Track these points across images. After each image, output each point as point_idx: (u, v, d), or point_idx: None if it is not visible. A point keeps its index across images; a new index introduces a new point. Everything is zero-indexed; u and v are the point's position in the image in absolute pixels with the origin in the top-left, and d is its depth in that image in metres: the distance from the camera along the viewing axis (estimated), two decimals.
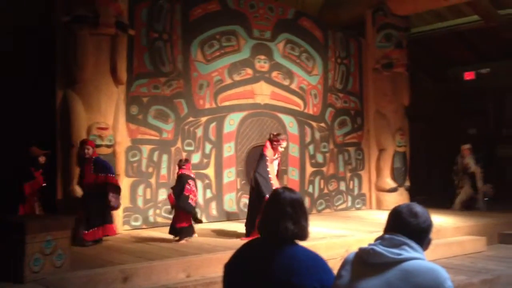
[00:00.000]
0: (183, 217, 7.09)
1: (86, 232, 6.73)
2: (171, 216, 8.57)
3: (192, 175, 7.32)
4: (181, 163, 7.34)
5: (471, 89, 13.67)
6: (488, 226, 8.88)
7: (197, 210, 7.44)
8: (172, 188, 7.23)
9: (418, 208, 2.42)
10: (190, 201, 7.00)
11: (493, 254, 7.83)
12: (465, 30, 12.72)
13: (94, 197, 6.86)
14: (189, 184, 7.07)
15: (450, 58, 14.05)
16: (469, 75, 13.93)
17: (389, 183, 11.04)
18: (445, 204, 10.72)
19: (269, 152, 7.36)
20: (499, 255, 7.82)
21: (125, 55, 7.97)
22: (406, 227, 2.36)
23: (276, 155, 7.47)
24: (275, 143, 7.38)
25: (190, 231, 7.11)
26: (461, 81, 14.02)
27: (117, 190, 7.03)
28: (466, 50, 13.60)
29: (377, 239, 2.41)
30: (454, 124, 13.45)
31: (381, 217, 8.85)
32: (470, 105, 13.73)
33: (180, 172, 7.22)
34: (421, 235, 2.37)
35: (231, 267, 2.68)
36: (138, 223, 8.33)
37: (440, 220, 8.74)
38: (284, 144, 7.51)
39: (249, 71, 9.74)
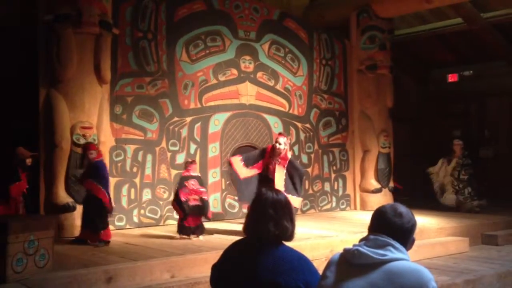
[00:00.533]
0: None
1: (103, 232, 6.78)
2: (155, 217, 8.58)
3: (195, 174, 7.38)
4: (186, 165, 7.51)
5: (454, 91, 13.81)
6: (471, 227, 8.96)
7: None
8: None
9: (402, 208, 2.44)
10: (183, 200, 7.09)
11: (476, 255, 7.91)
12: (448, 33, 12.85)
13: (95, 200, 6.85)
14: (186, 187, 7.15)
15: (433, 60, 14.18)
16: (452, 77, 14.06)
17: (373, 184, 11.10)
18: (428, 204, 10.80)
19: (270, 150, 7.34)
20: (482, 255, 7.90)
21: (109, 54, 7.92)
22: (390, 227, 2.37)
23: (276, 158, 7.18)
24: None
25: (185, 230, 7.20)
26: (444, 83, 14.15)
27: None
28: (449, 52, 13.73)
29: (361, 240, 2.43)
30: (437, 126, 13.57)
31: (365, 218, 8.89)
32: (453, 107, 13.86)
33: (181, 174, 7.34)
34: (405, 235, 2.39)
35: (218, 268, 2.69)
36: (122, 223, 8.28)
37: (423, 221, 8.81)
38: (281, 139, 7.19)
39: (234, 71, 9.73)
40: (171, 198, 7.62)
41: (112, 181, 8.17)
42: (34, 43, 7.71)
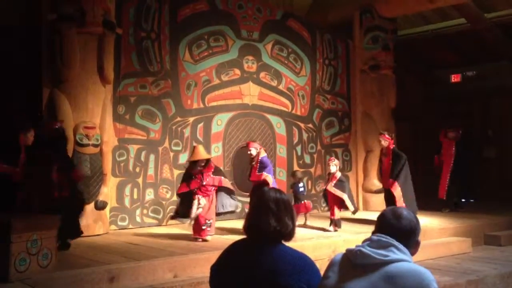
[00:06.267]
0: None
1: None
2: (158, 216, 8.60)
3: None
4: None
5: (457, 91, 13.78)
6: (474, 227, 8.95)
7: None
8: None
9: (402, 211, 2.45)
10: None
11: (479, 255, 7.90)
12: (452, 33, 12.82)
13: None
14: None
15: (436, 60, 14.15)
16: (455, 78, 14.03)
17: (376, 184, 11.08)
18: (429, 205, 10.76)
19: None
20: (485, 256, 7.89)
21: (112, 54, 7.92)
22: (390, 229, 2.39)
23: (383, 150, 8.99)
24: None
25: None
26: (447, 83, 14.12)
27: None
28: (452, 53, 13.70)
29: (364, 241, 2.43)
30: (440, 126, 13.54)
31: (368, 218, 8.94)
32: (456, 107, 13.83)
33: None
34: (405, 237, 2.39)
35: (217, 269, 2.68)
36: (125, 223, 8.29)
37: (426, 221, 8.80)
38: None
39: (237, 71, 9.74)
40: (173, 197, 7.63)
41: (115, 181, 8.20)
42: (37, 43, 7.72)
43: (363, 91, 11.37)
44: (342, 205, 8.09)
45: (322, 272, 2.52)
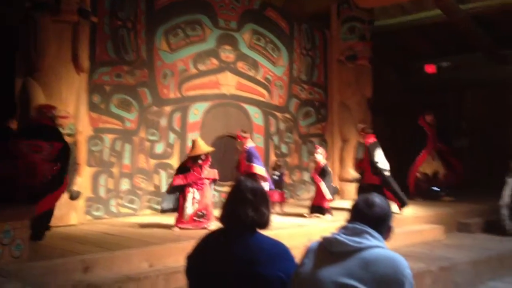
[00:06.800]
0: None
1: None
2: (134, 206, 8.54)
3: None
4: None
5: (433, 82, 13.92)
6: (447, 215, 9.10)
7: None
8: None
9: (374, 198, 2.50)
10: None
11: (451, 243, 8.04)
12: (428, 24, 12.93)
13: None
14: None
15: (413, 51, 14.27)
16: (429, 68, 14.14)
17: (352, 173, 11.18)
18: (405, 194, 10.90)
19: None
20: (457, 243, 8.03)
21: (88, 42, 7.81)
22: (363, 217, 2.44)
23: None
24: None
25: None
26: (423, 74, 14.26)
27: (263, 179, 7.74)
28: (428, 44, 13.83)
29: (340, 228, 2.46)
30: (415, 116, 13.71)
31: (344, 207, 8.98)
32: (432, 98, 13.98)
33: None
34: (377, 223, 2.44)
35: (194, 258, 2.67)
36: (99, 213, 8.21)
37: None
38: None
39: (214, 61, 9.69)
40: (149, 187, 7.53)
41: (90, 171, 8.12)
42: (11, 31, 7.57)
43: (340, 81, 11.43)
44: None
45: (297, 260, 2.54)
